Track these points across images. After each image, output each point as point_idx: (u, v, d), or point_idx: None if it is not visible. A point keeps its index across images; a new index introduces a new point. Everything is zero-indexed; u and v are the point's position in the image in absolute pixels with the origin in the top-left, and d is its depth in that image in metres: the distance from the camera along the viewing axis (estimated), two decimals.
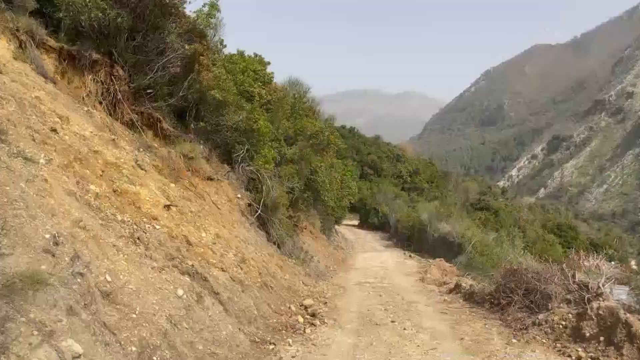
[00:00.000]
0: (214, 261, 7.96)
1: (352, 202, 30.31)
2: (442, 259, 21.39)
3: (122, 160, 7.89)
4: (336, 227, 29.09)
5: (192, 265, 6.98)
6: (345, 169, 27.93)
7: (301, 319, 8.86)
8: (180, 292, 6.12)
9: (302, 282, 12.62)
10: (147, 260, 6.18)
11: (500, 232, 31.22)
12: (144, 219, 7.10)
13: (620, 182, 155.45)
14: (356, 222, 47.15)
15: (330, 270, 17.69)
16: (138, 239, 6.39)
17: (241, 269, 8.96)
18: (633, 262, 50.77)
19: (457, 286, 13.92)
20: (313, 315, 9.32)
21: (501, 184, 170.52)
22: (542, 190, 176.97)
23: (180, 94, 11.19)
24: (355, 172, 49.49)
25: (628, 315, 7.82)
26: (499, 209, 51.73)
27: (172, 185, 9.27)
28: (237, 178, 13.30)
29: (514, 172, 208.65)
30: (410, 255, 25.91)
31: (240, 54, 16.39)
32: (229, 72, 14.03)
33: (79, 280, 4.47)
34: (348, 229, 39.13)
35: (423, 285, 15.71)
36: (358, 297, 12.45)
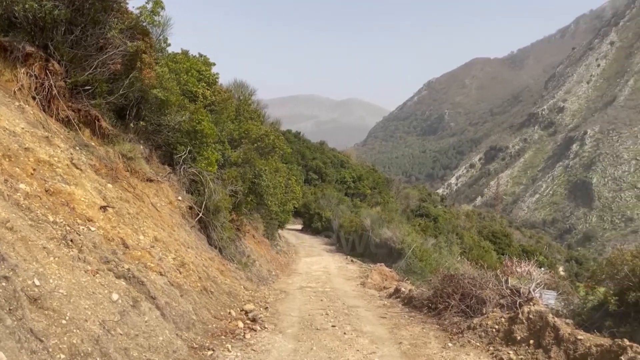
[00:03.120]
0: (152, 265, 7.72)
1: (296, 206, 30.31)
2: (382, 263, 21.72)
3: (56, 158, 7.54)
4: (280, 231, 28.99)
5: (129, 269, 6.74)
6: (290, 173, 27.91)
7: (241, 324, 8.74)
8: (115, 296, 5.90)
9: (244, 287, 12.48)
10: (80, 263, 5.92)
11: (439, 238, 32.10)
12: (78, 220, 6.81)
13: (550, 192, 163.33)
14: (300, 227, 47.17)
15: (272, 275, 17.60)
16: (71, 241, 6.11)
17: (180, 273, 8.75)
18: (561, 269, 53.60)
19: (397, 291, 14.18)
20: (254, 320, 9.22)
21: (441, 191, 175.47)
22: (479, 198, 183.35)
23: (121, 92, 10.81)
24: (300, 176, 49.62)
25: (556, 319, 8.20)
26: (438, 216, 53.12)
27: (110, 185, 8.94)
28: (179, 180, 13.00)
29: (453, 180, 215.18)
30: (352, 260, 26.15)
31: (185, 53, 16.07)
32: (172, 71, 13.73)
33: (3, 284, 4.22)
34: (292, 234, 39.09)
35: (364, 290, 15.89)
36: (300, 302, 12.43)
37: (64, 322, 4.70)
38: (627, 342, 6.81)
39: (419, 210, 55.21)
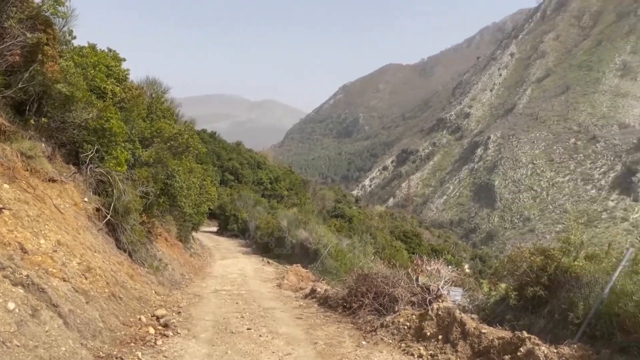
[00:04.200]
0: (54, 270, 7.24)
1: (211, 208, 29.67)
2: (299, 264, 21.81)
3: None
4: (194, 233, 28.27)
5: (27, 276, 6.27)
6: (205, 174, 27.29)
7: (152, 330, 8.42)
8: (11, 305, 5.46)
9: (155, 292, 12.04)
10: None
11: (354, 238, 32.72)
12: None
13: (457, 194, 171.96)
14: (215, 229, 46.31)
15: (186, 279, 17.11)
16: None
17: (86, 278, 8.27)
18: (466, 266, 56.61)
19: (313, 291, 14.31)
20: (165, 325, 8.91)
21: (355, 192, 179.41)
22: (391, 199, 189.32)
23: (20, 85, 10.04)
24: (215, 177, 48.66)
25: (462, 314, 8.65)
26: (353, 217, 54.29)
27: (6, 186, 8.28)
28: (85, 180, 12.29)
29: (367, 182, 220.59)
30: (268, 262, 26.03)
31: (92, 47, 15.23)
32: (78, 65, 12.96)
33: None
34: (207, 236, 38.28)
35: (280, 292, 15.88)
36: (214, 306, 12.19)
37: None
38: (525, 334, 7.32)
39: (335, 211, 56.13)
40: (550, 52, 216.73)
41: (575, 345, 7.01)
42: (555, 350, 6.89)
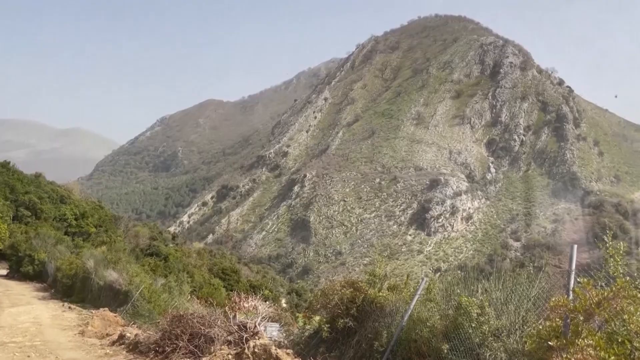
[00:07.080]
0: None
1: (0, 248, 25.93)
2: (106, 308, 20.08)
3: None
4: None
5: None
6: None
7: None
8: None
9: None
10: None
11: (169, 277, 31.26)
12: None
13: (276, 229, 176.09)
14: (5, 272, 40.51)
15: None
16: None
17: None
18: (284, 301, 57.79)
19: (121, 337, 13.27)
20: None
21: (172, 229, 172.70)
22: (210, 235, 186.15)
23: None
24: (7, 213, 42.86)
25: (278, 350, 8.70)
26: (169, 255, 52.04)
27: None
28: None
29: (185, 218, 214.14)
30: (70, 307, 23.48)
31: None
32: None
33: None
34: None
35: (83, 340, 14.36)
36: None
37: None
38: None
39: (149, 249, 53.23)
40: (358, 99, 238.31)
41: None
42: None
